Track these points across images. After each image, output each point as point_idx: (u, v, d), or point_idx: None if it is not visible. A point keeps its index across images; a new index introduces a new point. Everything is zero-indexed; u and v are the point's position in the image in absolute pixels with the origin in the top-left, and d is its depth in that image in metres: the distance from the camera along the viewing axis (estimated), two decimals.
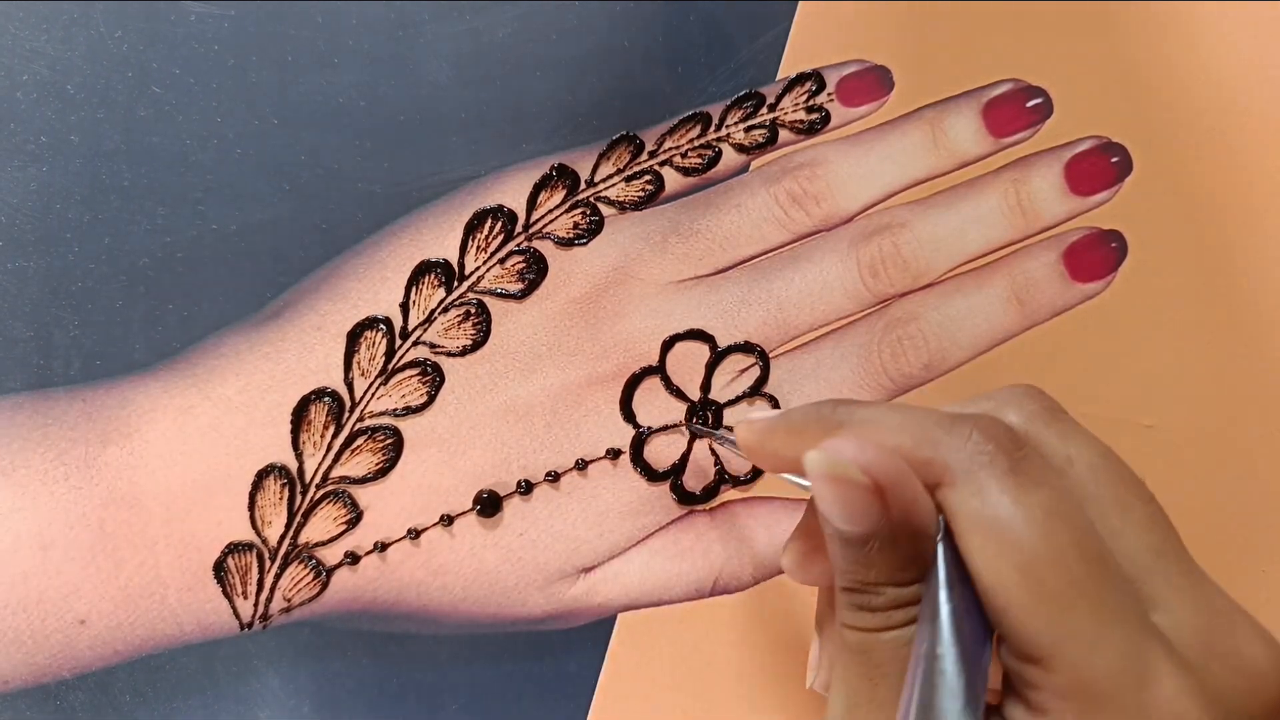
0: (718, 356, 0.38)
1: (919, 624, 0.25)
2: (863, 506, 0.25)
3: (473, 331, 0.37)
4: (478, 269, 0.37)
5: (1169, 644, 0.24)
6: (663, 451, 0.38)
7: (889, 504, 0.25)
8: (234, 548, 0.35)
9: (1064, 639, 0.24)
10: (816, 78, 0.39)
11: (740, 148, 0.39)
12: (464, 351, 0.37)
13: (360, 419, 0.36)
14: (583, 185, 0.38)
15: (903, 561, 0.26)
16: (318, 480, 0.36)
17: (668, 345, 0.38)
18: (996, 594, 0.24)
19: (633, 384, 0.37)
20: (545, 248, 0.38)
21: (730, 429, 0.37)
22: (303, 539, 0.36)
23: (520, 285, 0.37)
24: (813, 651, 0.30)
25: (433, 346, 0.37)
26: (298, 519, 0.36)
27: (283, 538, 0.36)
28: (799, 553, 0.30)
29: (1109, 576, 0.24)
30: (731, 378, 0.38)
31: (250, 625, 0.36)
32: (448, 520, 0.36)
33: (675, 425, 0.38)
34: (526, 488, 0.37)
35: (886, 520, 0.25)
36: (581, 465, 0.37)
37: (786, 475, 0.28)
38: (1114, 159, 0.40)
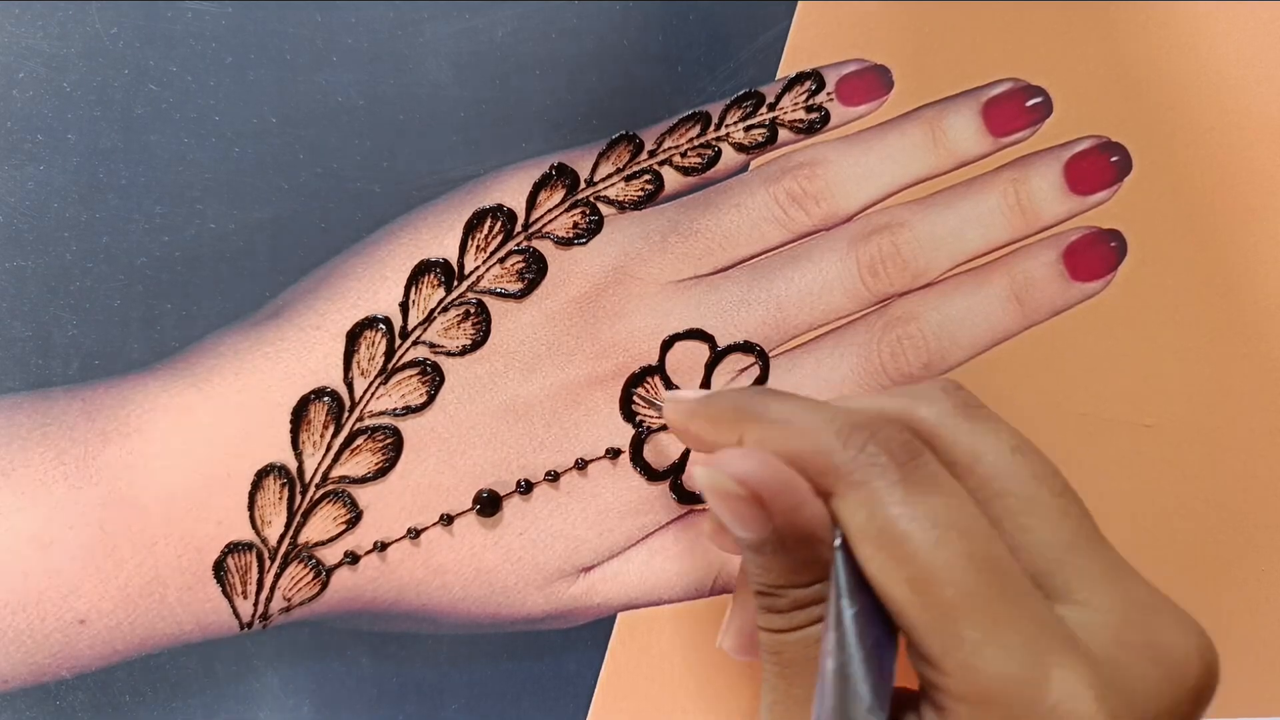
0: (717, 356, 0.38)
1: (825, 629, 0.25)
2: (747, 515, 0.26)
3: (472, 331, 0.37)
4: (477, 268, 0.37)
5: (1073, 640, 0.24)
6: (663, 451, 0.38)
7: (772, 513, 0.26)
8: (234, 547, 0.35)
9: (954, 645, 0.24)
10: (816, 77, 0.39)
11: (740, 147, 0.39)
12: (464, 351, 0.37)
13: (360, 419, 0.36)
14: (582, 184, 0.38)
15: (797, 565, 0.26)
16: (317, 480, 0.36)
17: (667, 345, 0.38)
18: (888, 601, 0.25)
19: (632, 383, 0.37)
20: (545, 247, 0.38)
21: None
22: (302, 538, 0.36)
23: (520, 285, 0.37)
24: (726, 615, 0.31)
25: (432, 346, 0.37)
26: (297, 519, 0.36)
27: (282, 537, 0.36)
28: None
29: (1004, 581, 0.24)
30: (731, 377, 0.38)
31: (250, 625, 0.36)
32: (447, 520, 0.36)
33: None
34: (526, 487, 0.37)
35: (773, 528, 0.26)
36: (581, 465, 0.37)
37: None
38: (1113, 158, 0.40)
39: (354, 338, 0.36)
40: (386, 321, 0.37)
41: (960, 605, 0.24)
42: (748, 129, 0.39)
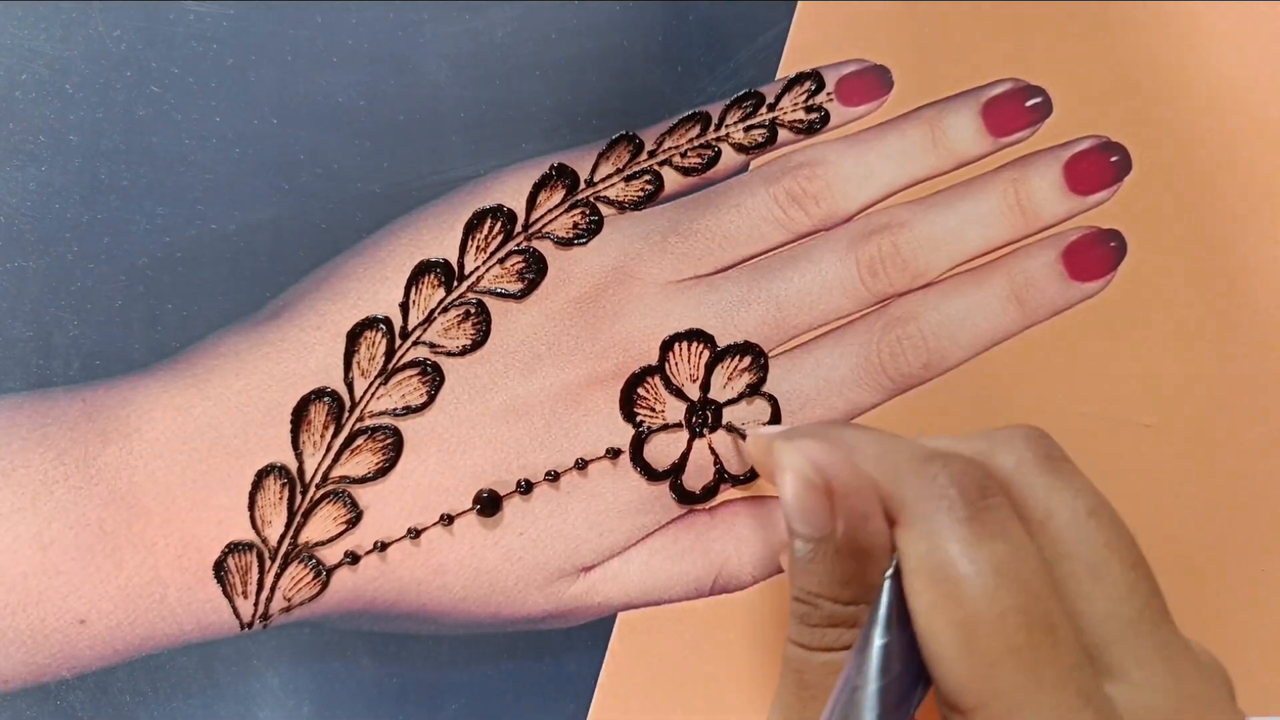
0: (717, 356, 0.38)
1: (852, 653, 0.25)
2: (812, 507, 0.26)
3: (472, 331, 0.37)
4: (477, 269, 0.37)
5: (1116, 717, 0.23)
6: (662, 451, 0.38)
7: (838, 514, 0.26)
8: (234, 547, 0.35)
9: (989, 698, 0.23)
10: (816, 77, 0.39)
11: (740, 147, 0.39)
12: (464, 351, 0.37)
13: (360, 419, 0.36)
14: (582, 185, 0.38)
15: (844, 577, 0.26)
16: (318, 480, 0.36)
17: (667, 345, 0.38)
18: (928, 640, 0.24)
19: (633, 383, 0.37)
20: (545, 247, 0.38)
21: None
22: (303, 538, 0.36)
23: (520, 285, 0.37)
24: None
25: (432, 346, 0.37)
26: (298, 519, 0.36)
27: (283, 537, 0.36)
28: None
29: (1055, 645, 0.23)
30: (731, 377, 0.38)
31: (250, 625, 0.36)
32: (448, 520, 0.36)
33: (675, 425, 0.38)
34: (526, 487, 0.37)
35: (833, 529, 0.26)
36: (581, 465, 0.37)
37: None
38: (1113, 158, 0.40)
39: (354, 338, 0.36)
40: (387, 322, 0.37)
41: (1004, 660, 0.23)
42: (748, 129, 0.39)
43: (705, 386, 0.38)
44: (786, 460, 0.27)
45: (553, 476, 0.37)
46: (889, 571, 0.25)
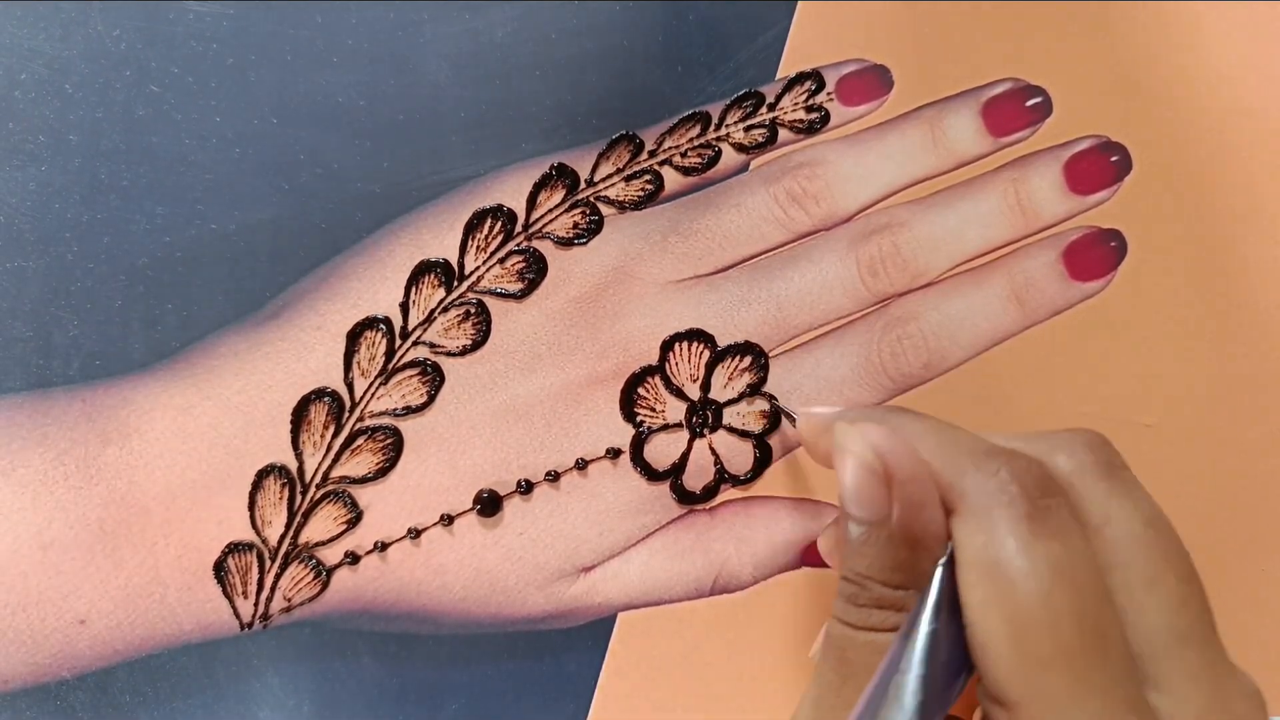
0: (717, 356, 0.38)
1: (897, 638, 0.25)
2: (870, 492, 0.26)
3: (472, 331, 0.37)
4: (477, 269, 0.37)
5: None
6: (663, 451, 0.38)
7: (895, 498, 0.26)
8: (234, 547, 0.35)
9: (1035, 697, 0.23)
10: (816, 77, 0.39)
11: (740, 147, 0.39)
12: (464, 351, 0.37)
13: (360, 419, 0.36)
14: (582, 185, 0.38)
15: (895, 562, 0.26)
16: (318, 480, 0.36)
17: (667, 345, 0.38)
18: (977, 633, 0.24)
19: (633, 383, 0.37)
20: (545, 247, 0.38)
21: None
22: (303, 539, 0.36)
23: (520, 285, 0.37)
24: (824, 627, 0.30)
25: (432, 346, 0.37)
26: (298, 519, 0.36)
27: (283, 537, 0.36)
28: (834, 538, 0.31)
29: (1106, 650, 0.24)
30: (731, 377, 0.38)
31: (250, 625, 0.36)
32: (448, 520, 0.36)
33: (675, 425, 0.38)
34: (526, 487, 0.37)
35: (888, 513, 0.26)
36: (581, 465, 0.37)
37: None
38: (1113, 158, 0.40)
39: (354, 338, 0.36)
40: (387, 322, 0.37)
41: (1054, 660, 0.23)
42: (748, 129, 0.39)
43: (705, 386, 0.38)
44: (849, 443, 0.27)
45: (553, 476, 0.37)
46: (942, 560, 0.25)
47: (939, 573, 0.25)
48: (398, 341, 0.37)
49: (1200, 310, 0.40)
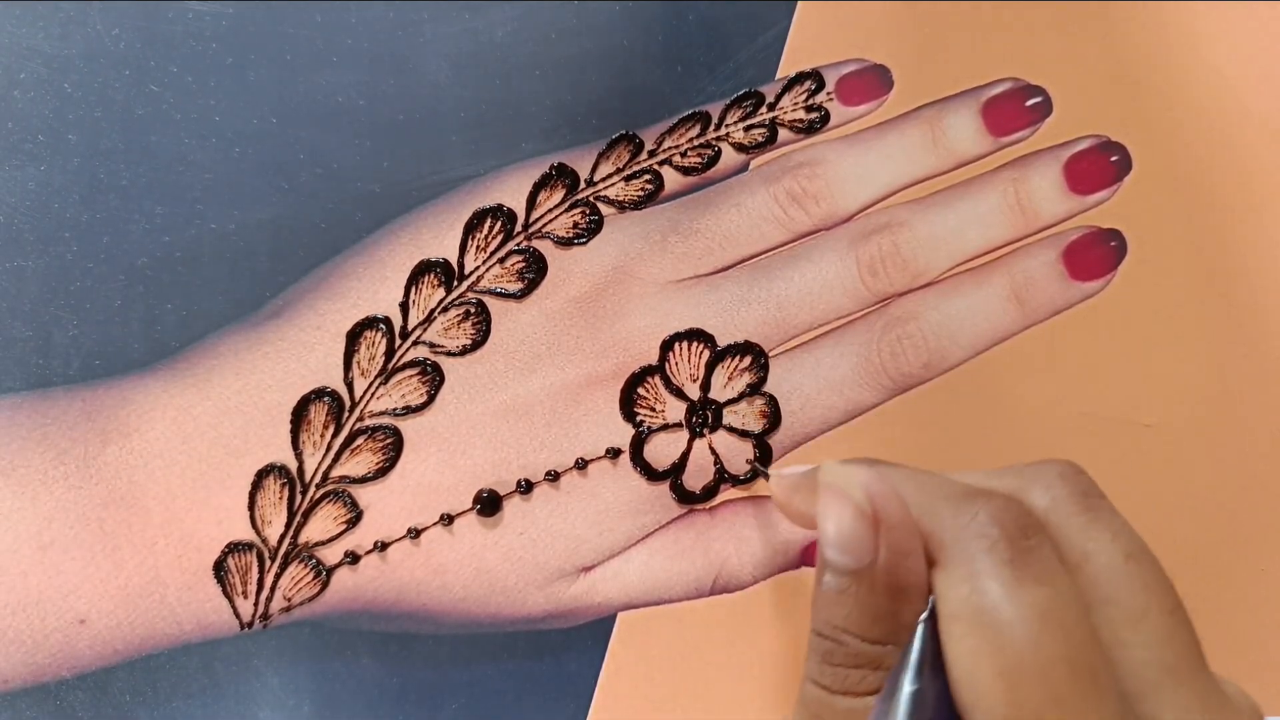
0: (717, 356, 0.38)
1: (878, 700, 0.24)
2: (858, 537, 0.25)
3: (472, 331, 0.37)
4: (477, 268, 0.37)
5: None
6: (663, 451, 0.38)
7: (880, 544, 0.25)
8: (234, 547, 0.35)
9: None
10: (816, 77, 0.39)
11: (740, 147, 0.39)
12: (464, 351, 0.37)
13: (360, 419, 0.36)
14: (582, 184, 0.38)
15: (876, 614, 0.25)
16: (318, 480, 0.36)
17: (667, 344, 0.38)
18: (967, 689, 0.23)
19: (633, 383, 0.37)
20: (545, 247, 0.38)
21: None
22: (303, 538, 0.36)
23: (520, 285, 0.37)
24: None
25: (432, 346, 0.37)
26: (298, 518, 0.36)
27: (283, 537, 0.36)
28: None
29: (1098, 694, 0.23)
30: (731, 377, 0.38)
31: (250, 625, 0.36)
32: (448, 519, 0.36)
33: (675, 425, 0.38)
34: (526, 487, 0.37)
35: (872, 561, 0.25)
36: (581, 464, 0.37)
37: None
38: (1113, 158, 0.40)
39: (354, 338, 0.36)
40: (386, 321, 0.37)
41: (1048, 711, 0.22)
42: (748, 129, 0.39)
43: (705, 386, 0.38)
44: (839, 481, 0.26)
45: (553, 476, 0.37)
46: (924, 615, 0.24)
47: (921, 628, 0.24)
48: (397, 341, 0.37)
49: (1200, 310, 0.40)
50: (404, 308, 0.37)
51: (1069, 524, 0.25)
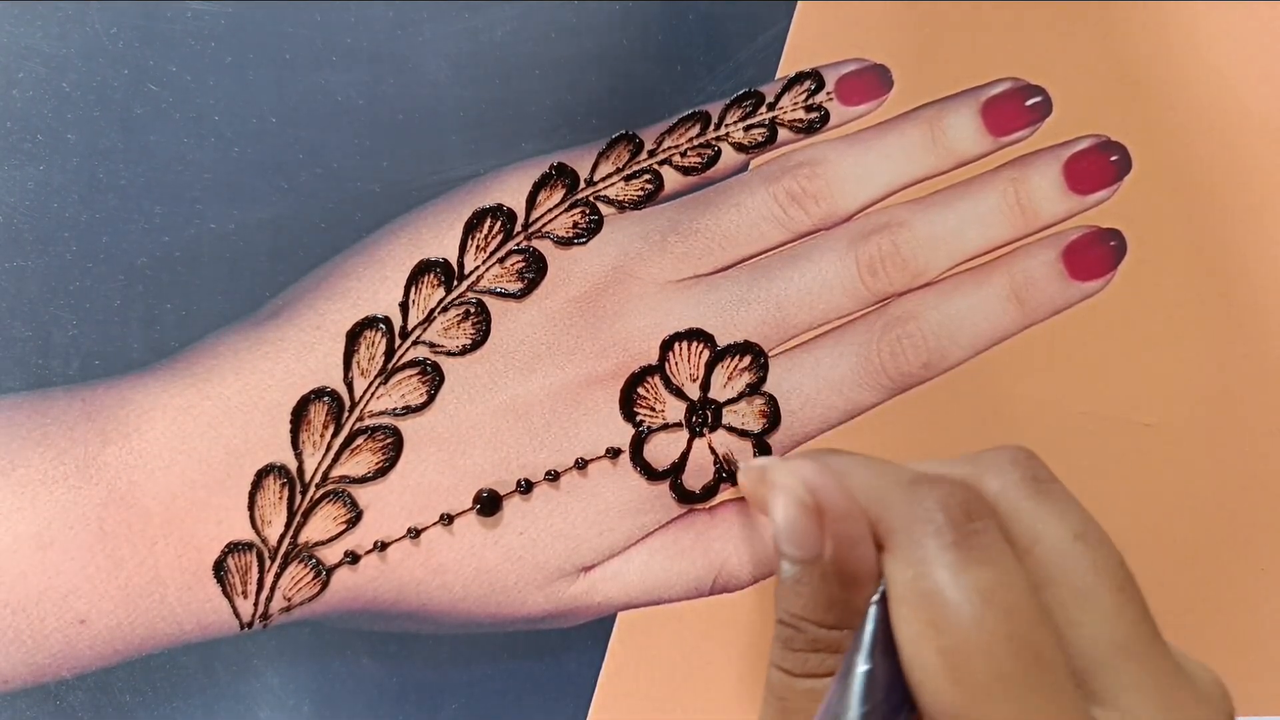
0: (717, 355, 0.38)
1: (834, 680, 0.25)
2: (803, 528, 0.26)
3: (472, 331, 0.37)
4: (477, 268, 0.37)
5: None
6: (662, 450, 0.38)
7: (827, 536, 0.26)
8: (234, 547, 0.35)
9: None
10: (815, 77, 0.39)
11: (739, 147, 0.39)
12: (463, 351, 0.37)
13: (360, 418, 0.36)
14: (582, 184, 0.38)
15: (830, 601, 0.26)
16: (317, 480, 0.36)
17: (667, 344, 0.38)
18: (915, 669, 0.24)
19: (632, 383, 0.37)
20: (545, 247, 0.38)
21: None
22: (303, 538, 0.36)
23: (520, 284, 0.37)
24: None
25: (432, 346, 0.37)
26: (298, 518, 0.36)
27: (283, 537, 0.36)
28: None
29: (1042, 671, 0.23)
30: (731, 376, 0.38)
31: (250, 625, 0.36)
32: (447, 519, 0.36)
33: (675, 424, 0.38)
34: (526, 487, 0.37)
35: (821, 551, 0.26)
36: (581, 464, 0.37)
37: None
38: (1113, 157, 0.40)
39: (354, 337, 0.36)
40: (386, 321, 0.37)
41: (991, 687, 0.23)
42: (747, 129, 0.39)
43: (705, 386, 0.38)
44: (780, 479, 0.27)
45: (553, 476, 0.37)
46: (874, 597, 0.25)
47: (872, 610, 0.25)
48: (397, 341, 0.37)
49: (1200, 310, 0.40)
50: (404, 307, 0.37)
51: (1019, 507, 0.26)
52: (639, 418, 0.37)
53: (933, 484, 0.25)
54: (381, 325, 0.37)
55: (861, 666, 0.24)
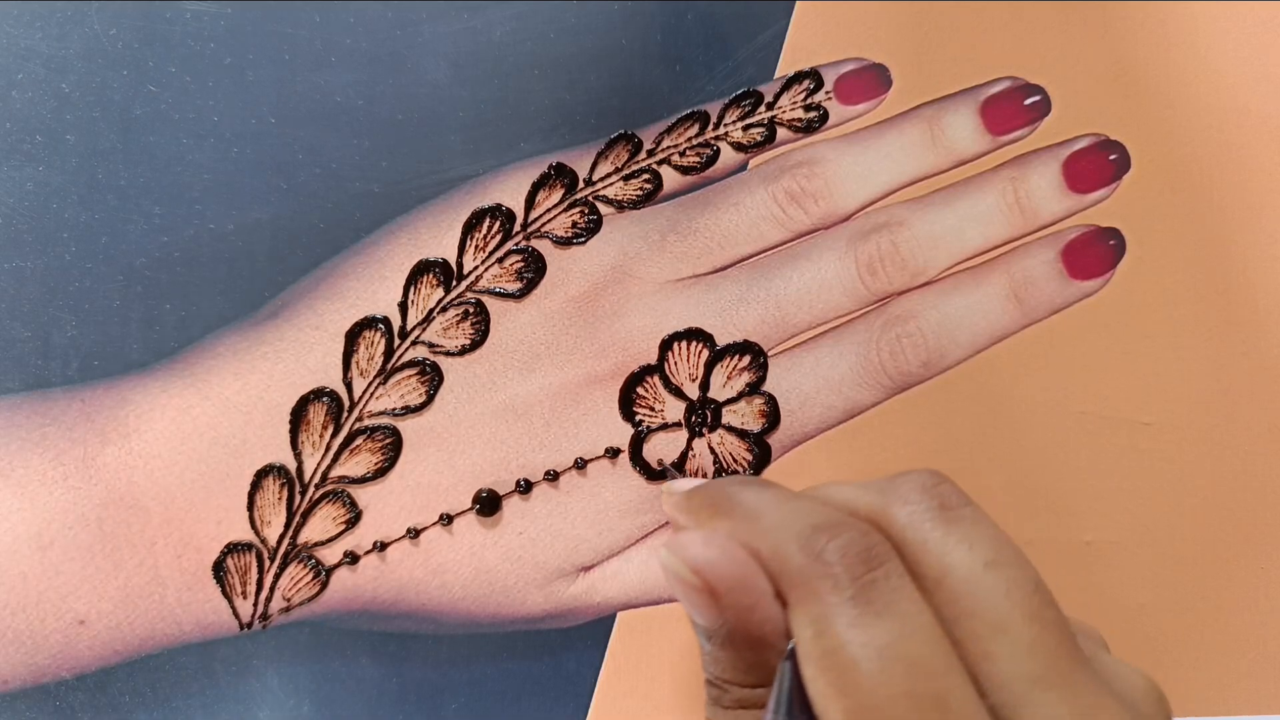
0: (716, 355, 0.38)
1: None
2: (699, 604, 0.26)
3: (471, 331, 0.37)
4: (476, 268, 0.37)
5: None
6: (662, 450, 0.38)
7: (723, 607, 0.25)
8: (233, 548, 0.35)
9: None
10: (814, 76, 0.39)
11: (738, 146, 0.39)
12: (463, 351, 0.37)
13: (359, 419, 0.36)
14: (581, 184, 0.38)
15: (745, 665, 0.26)
16: (317, 480, 0.36)
17: (666, 344, 0.38)
18: None
19: (632, 383, 0.37)
20: (544, 247, 0.38)
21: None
22: (302, 539, 0.36)
23: (519, 284, 0.37)
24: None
25: (431, 346, 0.37)
26: (297, 519, 0.36)
27: (282, 537, 0.36)
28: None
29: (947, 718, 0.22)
30: (730, 376, 0.38)
31: (250, 625, 0.36)
32: (447, 519, 0.36)
33: (674, 424, 0.38)
34: (526, 486, 0.37)
35: (723, 622, 0.25)
36: (581, 464, 0.37)
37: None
38: (1112, 157, 0.40)
39: (353, 338, 0.36)
40: (385, 321, 0.37)
41: None
42: (746, 128, 0.39)
43: (704, 386, 0.38)
44: (665, 562, 0.26)
45: (552, 476, 0.37)
46: (786, 655, 0.24)
47: (783, 668, 0.24)
48: (396, 341, 0.37)
49: (1199, 309, 0.40)
50: (403, 307, 0.37)
51: (927, 538, 0.25)
52: (638, 417, 0.37)
53: (833, 531, 0.25)
54: (380, 325, 0.37)
55: None
